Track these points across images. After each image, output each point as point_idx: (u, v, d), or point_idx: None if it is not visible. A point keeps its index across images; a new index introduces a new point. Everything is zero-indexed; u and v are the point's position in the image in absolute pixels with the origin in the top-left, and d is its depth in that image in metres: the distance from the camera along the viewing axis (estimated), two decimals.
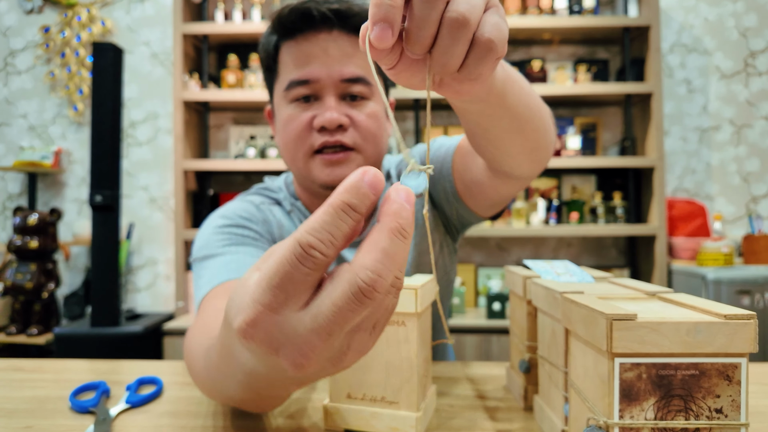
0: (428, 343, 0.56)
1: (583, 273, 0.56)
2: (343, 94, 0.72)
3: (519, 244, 2.53)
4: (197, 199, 2.44)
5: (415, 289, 0.48)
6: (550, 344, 0.50)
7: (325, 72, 0.70)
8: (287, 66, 0.73)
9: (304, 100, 0.72)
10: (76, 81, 2.59)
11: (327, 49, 0.70)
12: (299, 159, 0.73)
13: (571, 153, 2.29)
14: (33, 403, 0.60)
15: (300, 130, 0.72)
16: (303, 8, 0.68)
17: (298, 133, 0.72)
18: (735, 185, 2.48)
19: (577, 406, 0.41)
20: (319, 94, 0.72)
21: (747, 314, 0.34)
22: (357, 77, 0.71)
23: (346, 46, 0.71)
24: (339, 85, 0.71)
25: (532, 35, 2.41)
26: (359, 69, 0.71)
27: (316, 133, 0.71)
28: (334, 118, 0.69)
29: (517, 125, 0.52)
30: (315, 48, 0.70)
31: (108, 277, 1.95)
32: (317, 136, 0.71)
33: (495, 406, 0.59)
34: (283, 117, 0.74)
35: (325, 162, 0.72)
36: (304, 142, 0.72)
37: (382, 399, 0.50)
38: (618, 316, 0.34)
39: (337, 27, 0.70)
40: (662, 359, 0.34)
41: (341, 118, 0.70)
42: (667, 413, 0.35)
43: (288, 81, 0.72)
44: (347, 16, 0.69)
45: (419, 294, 0.49)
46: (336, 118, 0.69)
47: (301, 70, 0.71)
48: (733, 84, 2.49)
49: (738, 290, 1.88)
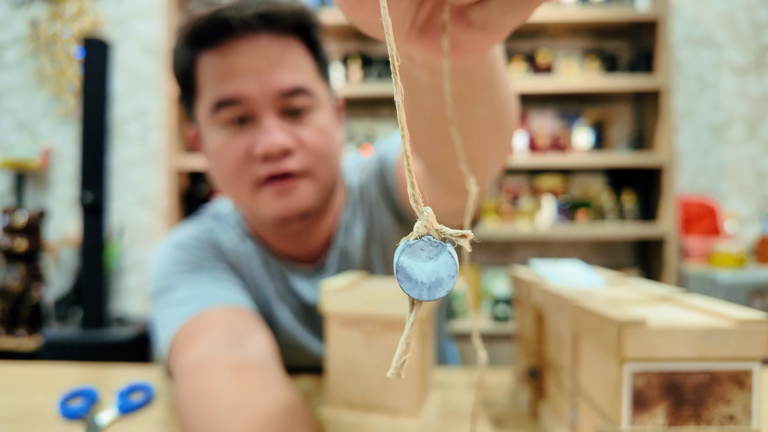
0: (429, 349, 0.56)
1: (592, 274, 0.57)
2: (284, 110, 0.62)
3: (525, 245, 2.53)
4: (190, 198, 2.44)
5: None
6: (557, 350, 0.50)
7: (257, 86, 0.60)
8: (209, 83, 0.61)
9: (238, 122, 0.61)
10: (66, 76, 2.59)
11: (253, 59, 0.60)
12: (242, 194, 0.63)
13: (579, 150, 2.29)
14: (21, 409, 0.60)
15: (237, 161, 0.61)
16: (220, 16, 0.58)
17: (236, 166, 0.61)
18: (748, 184, 2.48)
19: (585, 413, 0.41)
20: (253, 114, 0.61)
21: (761, 319, 0.34)
22: (296, 88, 0.61)
23: (276, 53, 0.60)
24: (276, 100, 0.61)
25: (538, 26, 2.41)
26: (297, 75, 0.61)
27: (257, 163, 0.61)
28: (278, 142, 0.59)
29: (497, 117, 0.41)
30: (240, 59, 0.59)
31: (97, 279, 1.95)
32: (259, 166, 0.60)
33: (501, 413, 0.59)
34: (213, 145, 0.63)
35: (274, 192, 0.61)
36: (244, 176, 0.61)
37: (382, 406, 0.51)
38: (628, 322, 0.34)
39: (263, 32, 0.60)
40: (673, 365, 0.34)
41: (286, 141, 0.60)
42: (677, 419, 0.35)
43: (213, 101, 0.61)
44: (275, 18, 0.60)
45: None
46: (280, 143, 0.59)
47: (226, 87, 0.60)
48: (745, 79, 2.49)
49: (751, 292, 1.89)
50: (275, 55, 0.60)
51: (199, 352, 0.52)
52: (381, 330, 0.50)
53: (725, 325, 0.34)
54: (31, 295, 2.28)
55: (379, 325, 0.50)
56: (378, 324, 0.50)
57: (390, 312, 0.49)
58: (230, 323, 0.57)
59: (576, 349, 0.44)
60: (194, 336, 0.55)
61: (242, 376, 0.49)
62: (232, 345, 0.53)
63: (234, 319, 0.58)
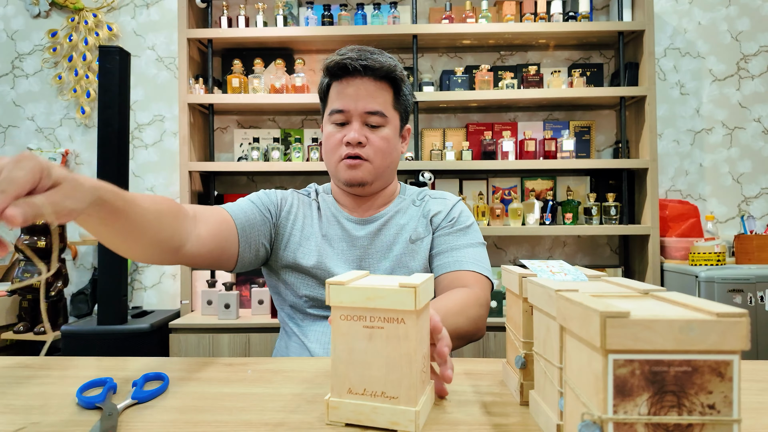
0: (427, 340, 0.56)
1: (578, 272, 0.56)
2: (366, 122, 0.97)
3: (515, 244, 2.53)
4: (202, 199, 2.43)
5: (414, 287, 0.49)
6: (545, 341, 0.50)
7: (353, 105, 0.96)
8: (332, 99, 0.99)
9: (340, 124, 0.99)
10: (83, 84, 2.59)
11: (357, 90, 0.96)
12: (333, 163, 1.00)
13: (565, 155, 2.29)
14: (40, 399, 0.60)
15: (335, 143, 0.99)
16: (344, 62, 0.95)
17: (333, 146, 0.99)
18: (727, 186, 2.48)
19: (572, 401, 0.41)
20: (349, 120, 0.98)
21: (739, 312, 0.34)
22: (375, 111, 0.97)
23: (372, 89, 0.97)
24: (363, 115, 0.97)
25: (528, 40, 2.41)
26: (378, 105, 0.97)
27: (344, 146, 0.98)
28: (355, 137, 0.96)
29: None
30: (349, 89, 0.97)
31: (115, 276, 1.95)
32: (344, 148, 0.98)
33: (492, 401, 0.59)
34: (326, 132, 1.01)
35: (347, 165, 0.98)
36: (336, 152, 0.99)
37: (382, 394, 0.51)
38: (611, 314, 0.34)
39: (367, 75, 0.96)
40: (655, 356, 0.34)
41: (360, 137, 0.96)
42: (660, 409, 0.34)
43: (331, 109, 0.99)
44: (373, 68, 0.95)
45: (418, 292, 0.49)
46: (356, 137, 0.96)
47: (339, 103, 0.97)
48: (725, 87, 2.49)
49: (730, 289, 1.88)
50: (369, 90, 0.97)
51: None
52: (380, 323, 0.50)
53: (705, 318, 0.34)
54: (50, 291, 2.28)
55: (378, 318, 0.50)
56: (377, 317, 0.50)
57: (388, 306, 0.49)
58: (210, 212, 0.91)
59: (562, 340, 0.44)
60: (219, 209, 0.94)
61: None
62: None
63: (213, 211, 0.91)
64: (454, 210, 1.06)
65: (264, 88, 2.34)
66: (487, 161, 2.25)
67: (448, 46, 2.49)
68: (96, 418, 0.54)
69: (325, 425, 0.52)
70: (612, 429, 0.35)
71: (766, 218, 2.47)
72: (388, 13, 2.34)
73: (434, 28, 2.25)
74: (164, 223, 0.73)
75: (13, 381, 0.67)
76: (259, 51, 2.47)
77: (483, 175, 2.48)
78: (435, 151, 2.31)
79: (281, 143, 2.49)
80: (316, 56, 2.56)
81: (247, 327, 2.12)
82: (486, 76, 2.29)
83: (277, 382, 0.66)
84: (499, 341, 2.10)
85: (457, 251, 1.00)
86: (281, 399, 0.60)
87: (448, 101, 2.31)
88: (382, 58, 0.97)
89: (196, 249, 0.82)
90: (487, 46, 2.49)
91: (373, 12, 2.35)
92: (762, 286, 1.88)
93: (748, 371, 0.68)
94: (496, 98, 2.26)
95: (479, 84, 2.29)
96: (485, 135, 2.35)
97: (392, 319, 0.50)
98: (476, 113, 2.54)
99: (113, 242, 0.69)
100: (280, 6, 2.36)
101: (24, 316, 2.28)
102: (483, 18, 2.31)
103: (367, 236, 1.02)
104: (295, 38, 2.32)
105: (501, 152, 2.29)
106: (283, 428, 0.51)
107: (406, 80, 1.02)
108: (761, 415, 0.53)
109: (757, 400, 0.57)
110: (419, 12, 2.52)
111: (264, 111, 2.52)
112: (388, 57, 0.99)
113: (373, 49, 0.99)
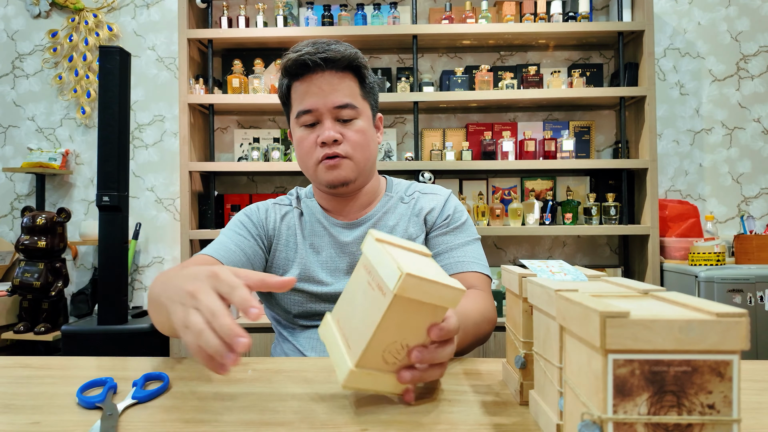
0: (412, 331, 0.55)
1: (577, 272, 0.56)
2: (337, 118, 0.93)
3: (515, 244, 2.53)
4: (203, 199, 2.44)
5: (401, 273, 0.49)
6: (545, 340, 0.50)
7: (321, 102, 0.91)
8: (296, 100, 0.94)
9: (310, 126, 0.94)
10: (84, 84, 2.59)
11: (321, 86, 0.91)
12: (310, 167, 0.95)
13: (565, 155, 2.29)
14: (41, 399, 0.60)
15: (309, 146, 0.94)
16: (302, 59, 0.90)
17: (308, 149, 0.94)
18: (727, 186, 2.48)
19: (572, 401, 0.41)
20: (319, 119, 0.93)
21: (739, 312, 0.34)
22: (345, 104, 0.92)
23: (336, 82, 0.91)
24: (333, 111, 0.92)
25: (527, 40, 2.41)
26: (347, 97, 0.92)
27: (319, 147, 0.93)
28: (330, 135, 0.91)
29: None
30: (312, 86, 0.91)
31: (115, 276, 1.95)
32: (320, 150, 0.93)
33: (491, 401, 0.59)
34: (297, 137, 0.96)
35: (326, 167, 0.93)
36: (312, 155, 0.94)
37: (347, 341, 0.56)
38: (611, 314, 0.34)
39: (328, 68, 0.91)
40: (655, 356, 0.34)
41: (335, 135, 0.91)
42: (660, 408, 0.34)
43: (297, 111, 0.94)
44: (334, 59, 0.90)
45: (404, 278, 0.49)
46: (331, 135, 0.91)
47: (304, 103, 0.92)
48: (725, 87, 2.49)
49: (730, 289, 1.88)
50: (333, 84, 0.92)
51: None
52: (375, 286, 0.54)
53: (705, 318, 0.34)
54: (51, 291, 2.28)
55: (375, 281, 0.54)
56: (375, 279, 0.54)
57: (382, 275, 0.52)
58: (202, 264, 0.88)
59: (562, 340, 0.44)
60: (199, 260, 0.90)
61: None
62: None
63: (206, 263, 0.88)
64: (447, 206, 1.02)
65: (264, 89, 2.34)
66: (486, 161, 2.25)
67: (448, 46, 2.49)
68: (96, 418, 0.54)
69: (326, 424, 0.52)
70: (612, 429, 0.35)
71: (765, 218, 2.47)
72: (388, 13, 2.35)
73: (434, 28, 2.25)
74: None
75: (14, 381, 0.67)
76: (259, 51, 2.47)
77: (483, 176, 2.48)
78: (435, 151, 2.31)
79: (281, 143, 2.49)
80: None
81: (247, 327, 2.12)
82: (486, 77, 2.29)
83: (277, 382, 0.66)
84: (498, 341, 2.10)
85: (456, 251, 0.98)
86: (281, 399, 0.60)
87: (448, 101, 2.31)
88: (341, 48, 0.91)
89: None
90: (487, 46, 2.49)
91: (373, 12, 2.35)
92: (762, 286, 1.88)
93: (747, 371, 0.68)
94: (496, 98, 2.26)
95: (479, 84, 2.29)
96: (485, 135, 2.35)
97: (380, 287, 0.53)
98: (476, 113, 2.54)
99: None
100: (280, 6, 2.36)
101: (24, 316, 2.28)
102: (483, 18, 2.31)
103: (356, 241, 0.97)
104: (295, 38, 2.33)
105: (501, 152, 2.29)
106: (284, 428, 0.51)
107: (369, 67, 0.97)
108: (761, 415, 0.53)
109: (756, 400, 0.57)
110: (419, 12, 2.52)
111: (264, 111, 2.52)
112: (346, 45, 0.93)
113: (328, 40, 0.93)
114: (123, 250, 1.96)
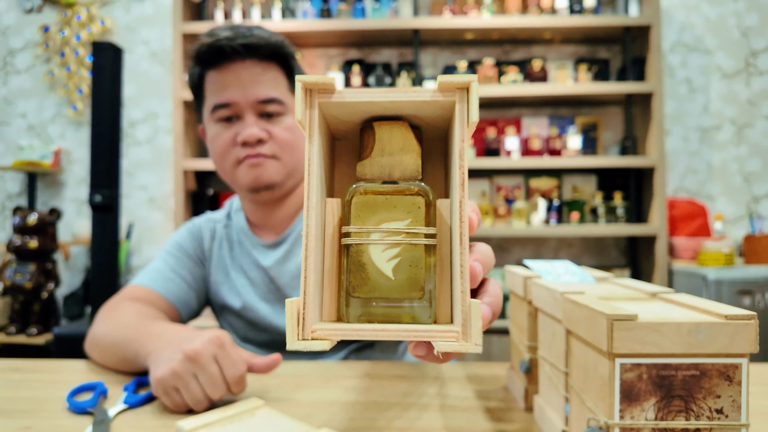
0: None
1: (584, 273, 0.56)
2: (261, 113, 0.82)
3: (519, 244, 2.53)
4: (197, 198, 2.43)
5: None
6: (550, 344, 0.50)
7: (241, 95, 0.80)
8: (210, 92, 0.83)
9: (226, 120, 0.83)
10: (76, 80, 2.59)
11: (240, 76, 0.81)
12: (228, 168, 0.84)
13: (571, 153, 2.29)
14: (31, 403, 0.60)
15: (226, 145, 0.83)
16: (218, 44, 0.79)
17: (224, 148, 0.83)
18: (736, 185, 2.48)
19: (578, 407, 0.41)
20: (239, 114, 0.82)
21: (748, 314, 0.34)
22: (270, 98, 0.81)
23: (258, 73, 0.81)
24: (256, 105, 0.81)
25: (532, 34, 2.41)
26: (272, 90, 0.82)
27: (239, 147, 0.82)
28: (254, 133, 0.80)
29: None
30: (230, 76, 0.81)
31: (107, 277, 1.95)
32: (240, 149, 0.81)
33: (495, 407, 0.58)
34: (211, 134, 0.85)
35: (248, 165, 0.82)
36: (230, 155, 0.83)
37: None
38: (619, 317, 0.34)
39: (249, 57, 0.81)
40: (663, 360, 0.34)
41: (260, 133, 0.80)
42: (667, 413, 0.34)
43: (212, 105, 0.83)
44: (257, 46, 0.80)
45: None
46: (255, 134, 0.80)
47: (221, 95, 0.81)
48: (734, 83, 2.49)
49: (739, 290, 1.88)
50: (257, 74, 0.81)
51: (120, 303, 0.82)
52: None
53: (714, 320, 0.34)
54: (42, 293, 2.28)
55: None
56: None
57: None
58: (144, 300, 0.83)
59: (568, 343, 0.44)
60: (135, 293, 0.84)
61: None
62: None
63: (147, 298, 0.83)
64: None
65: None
66: (490, 159, 2.24)
67: (451, 40, 2.49)
68: (87, 423, 0.54)
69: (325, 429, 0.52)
70: None
71: None
72: (387, 5, 2.34)
73: (436, 22, 2.25)
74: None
75: (4, 384, 0.67)
76: None
77: (486, 174, 2.48)
78: None
79: None
80: (314, 50, 2.56)
81: None
82: (489, 71, 2.29)
83: (269, 386, 0.66)
84: (502, 345, 2.10)
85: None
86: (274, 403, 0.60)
87: None
88: (265, 34, 0.82)
89: None
90: (490, 40, 2.49)
91: (373, 5, 2.35)
92: None
93: (756, 374, 0.68)
94: (500, 94, 2.26)
95: (482, 79, 2.29)
96: (489, 132, 2.35)
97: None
98: (479, 109, 2.54)
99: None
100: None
101: (15, 318, 2.28)
102: (486, 10, 2.30)
103: (276, 265, 0.86)
104: (292, 32, 2.32)
105: (505, 150, 2.29)
106: None
107: (296, 57, 0.87)
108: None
109: (765, 404, 0.57)
110: (420, 4, 2.52)
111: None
112: (270, 32, 0.83)
113: (250, 25, 0.83)
114: (115, 250, 1.96)
